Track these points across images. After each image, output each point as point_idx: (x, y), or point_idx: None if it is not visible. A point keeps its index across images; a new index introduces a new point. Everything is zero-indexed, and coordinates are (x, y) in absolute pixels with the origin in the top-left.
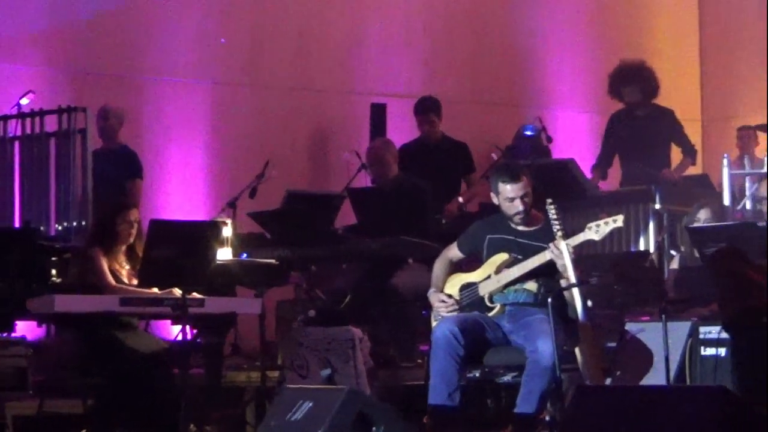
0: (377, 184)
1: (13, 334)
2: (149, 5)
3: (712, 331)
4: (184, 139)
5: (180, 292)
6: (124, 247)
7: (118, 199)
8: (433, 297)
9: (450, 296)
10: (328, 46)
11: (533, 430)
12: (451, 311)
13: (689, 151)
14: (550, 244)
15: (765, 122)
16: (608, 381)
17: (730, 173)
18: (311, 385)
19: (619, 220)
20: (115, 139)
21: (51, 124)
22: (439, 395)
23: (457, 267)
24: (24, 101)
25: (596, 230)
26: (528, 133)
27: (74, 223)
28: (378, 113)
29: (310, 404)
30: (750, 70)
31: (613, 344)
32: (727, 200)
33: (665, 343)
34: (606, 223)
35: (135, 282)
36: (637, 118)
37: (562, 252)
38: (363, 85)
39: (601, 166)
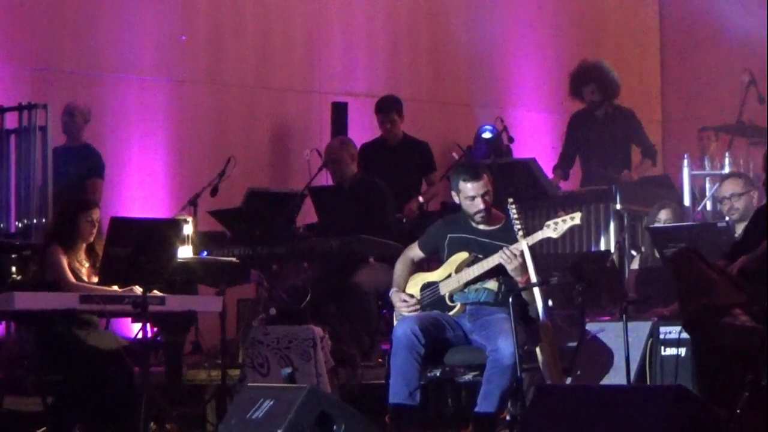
0: (336, 182)
1: None
2: (110, 2)
3: (672, 331)
4: (145, 137)
5: (141, 289)
6: (84, 245)
7: (80, 196)
8: (395, 297)
9: (411, 296)
10: (290, 44)
11: (493, 430)
12: (412, 311)
13: (649, 152)
14: (500, 252)
15: (725, 123)
16: (568, 380)
17: (690, 174)
18: (272, 384)
19: (576, 218)
20: (79, 137)
21: (11, 120)
22: (399, 394)
23: (419, 266)
24: None
25: (554, 228)
26: (486, 135)
27: (34, 220)
28: (339, 112)
29: (271, 403)
30: (711, 71)
31: (574, 344)
32: (687, 201)
33: (625, 343)
34: (564, 221)
35: (95, 279)
36: (597, 118)
37: (521, 252)
38: (324, 84)
39: (563, 166)
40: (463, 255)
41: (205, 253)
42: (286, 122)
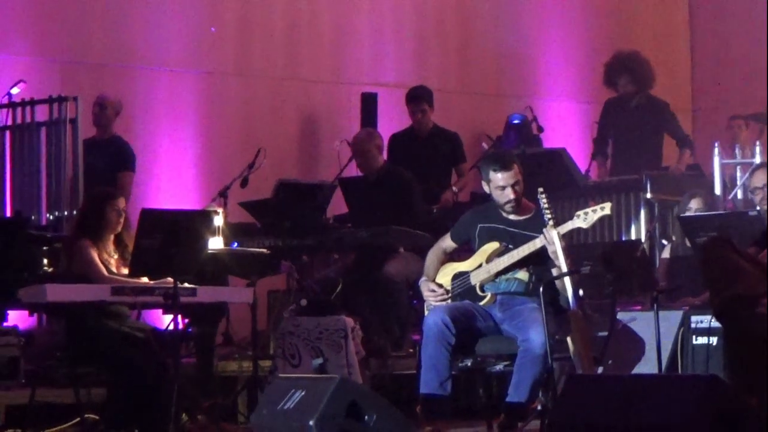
0: (363, 173)
1: (4, 324)
2: None
3: (704, 320)
4: (175, 129)
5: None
6: (112, 236)
7: (103, 188)
8: (423, 286)
9: (440, 285)
10: (318, 35)
11: (524, 419)
12: (440, 300)
13: (685, 142)
14: (544, 230)
15: (756, 111)
16: (599, 370)
17: (721, 162)
18: (303, 375)
19: (606, 208)
20: (108, 129)
21: (42, 113)
22: (430, 384)
23: (451, 257)
24: (14, 91)
25: (584, 218)
26: (515, 121)
27: (65, 213)
28: (369, 103)
29: (302, 393)
30: (740, 60)
31: (604, 333)
32: (718, 189)
33: (656, 333)
34: (594, 211)
35: (124, 271)
36: (629, 108)
37: (553, 240)
38: (353, 75)
39: (600, 151)
40: (494, 245)
41: (236, 244)
42: (315, 113)
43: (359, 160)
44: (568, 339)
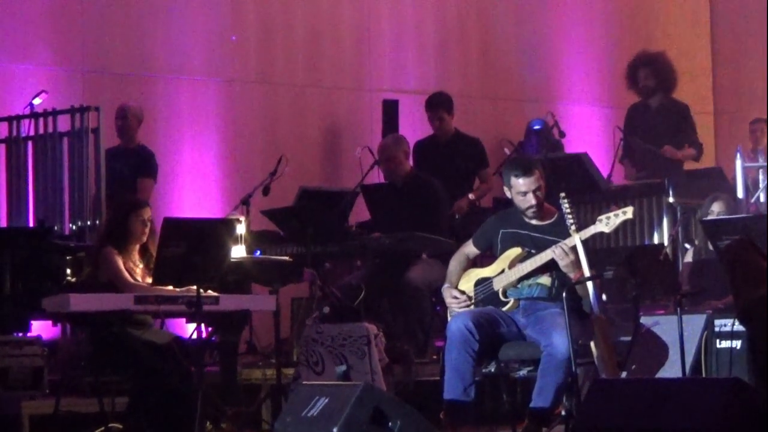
0: (390, 180)
1: (28, 334)
2: (160, 3)
3: (727, 324)
4: (197, 137)
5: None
6: (137, 246)
7: (131, 197)
8: (446, 293)
9: (463, 292)
10: (340, 42)
11: (549, 425)
12: (463, 307)
13: (696, 146)
14: (553, 247)
15: None
16: (623, 374)
17: (743, 166)
18: (327, 382)
19: (629, 212)
20: (133, 138)
21: (64, 123)
22: (454, 390)
23: (474, 263)
24: (37, 101)
25: (607, 222)
26: (536, 127)
27: (88, 222)
28: (390, 110)
29: (326, 400)
30: (762, 63)
31: (628, 338)
32: (740, 193)
33: (680, 336)
34: (616, 215)
35: (149, 280)
36: (651, 109)
37: (573, 247)
38: (374, 82)
39: (629, 157)
40: (516, 250)
41: (258, 252)
42: (336, 120)
43: (386, 167)
44: (592, 344)
